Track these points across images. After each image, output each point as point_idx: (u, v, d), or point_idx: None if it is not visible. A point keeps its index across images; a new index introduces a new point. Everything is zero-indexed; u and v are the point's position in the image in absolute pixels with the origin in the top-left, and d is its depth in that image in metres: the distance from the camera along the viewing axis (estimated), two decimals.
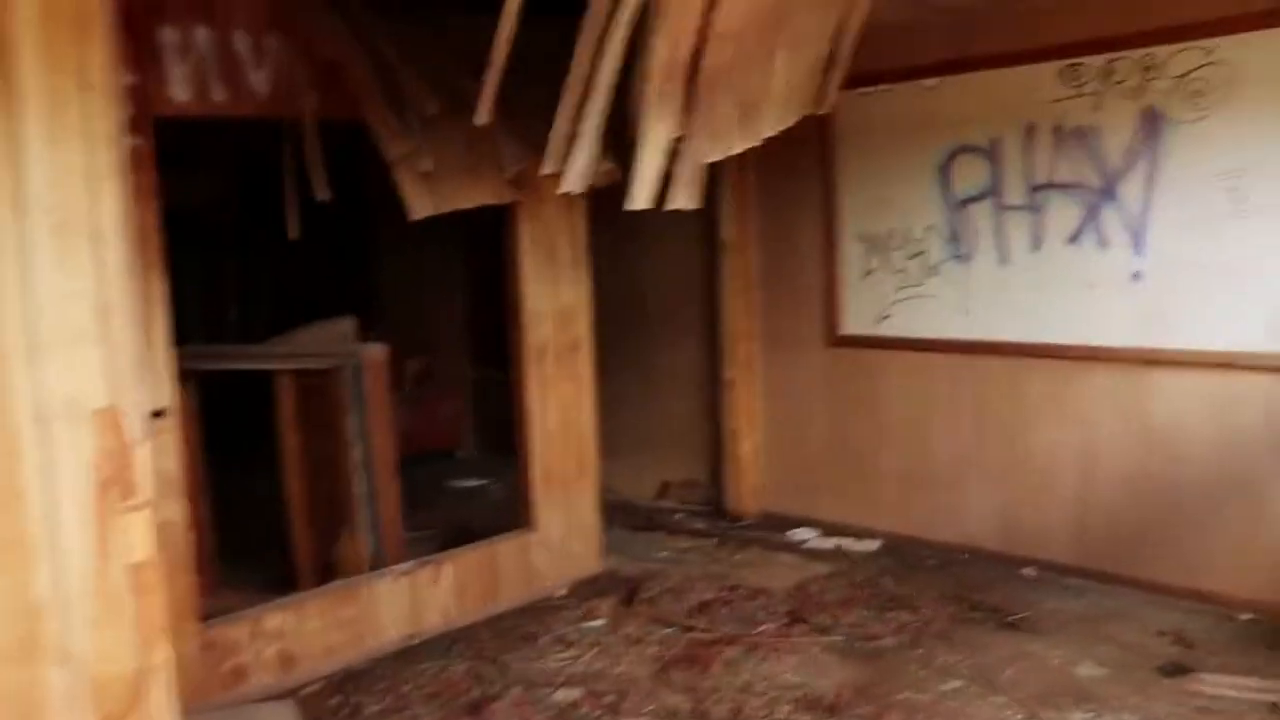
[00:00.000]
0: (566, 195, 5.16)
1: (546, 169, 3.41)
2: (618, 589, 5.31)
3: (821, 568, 5.51)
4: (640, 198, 3.44)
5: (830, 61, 4.08)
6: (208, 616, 4.61)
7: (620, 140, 3.60)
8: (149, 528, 2.08)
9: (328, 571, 5.24)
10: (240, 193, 9.33)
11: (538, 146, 4.77)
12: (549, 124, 4.85)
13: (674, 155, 3.48)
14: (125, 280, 2.01)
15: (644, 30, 3.26)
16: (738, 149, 3.81)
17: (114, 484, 2.00)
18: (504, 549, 5.15)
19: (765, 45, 3.58)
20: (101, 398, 1.97)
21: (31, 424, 1.95)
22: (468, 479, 7.85)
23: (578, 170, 3.45)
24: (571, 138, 3.38)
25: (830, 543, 5.92)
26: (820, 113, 4.51)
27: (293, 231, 4.18)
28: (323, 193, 4.25)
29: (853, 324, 6.00)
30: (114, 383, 1.98)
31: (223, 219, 9.82)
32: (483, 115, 3.38)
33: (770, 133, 4.05)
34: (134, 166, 3.83)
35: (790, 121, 4.24)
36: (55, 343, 1.95)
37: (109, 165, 2.06)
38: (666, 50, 3.20)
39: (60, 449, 1.97)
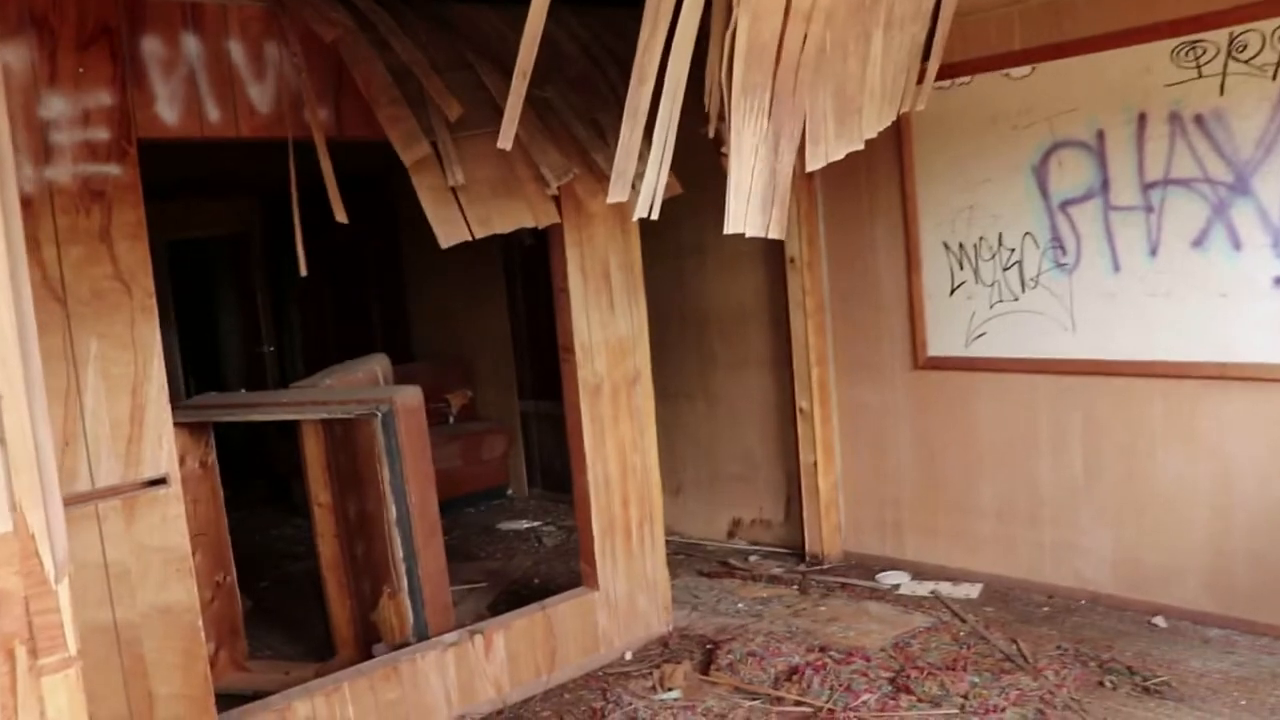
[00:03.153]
0: (618, 212, 4.64)
1: (614, 197, 2.81)
2: (692, 651, 4.72)
3: (919, 620, 4.89)
4: (742, 219, 2.80)
5: (927, 47, 3.49)
6: (232, 697, 4.12)
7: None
8: (76, 692, 1.53)
9: (367, 639, 4.73)
10: (268, 220, 8.93)
11: (581, 156, 4.27)
12: (592, 128, 4.33)
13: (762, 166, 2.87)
14: (30, 358, 1.47)
15: (718, 9, 2.68)
16: (836, 155, 3.21)
17: (23, 638, 1.46)
18: (562, 611, 4.58)
19: (860, 25, 2.99)
20: (3, 520, 1.43)
21: None
22: (518, 521, 7.31)
23: (651, 190, 2.83)
24: (639, 151, 2.76)
25: (924, 588, 5.30)
26: (917, 108, 3.94)
27: (303, 268, 3.65)
28: (340, 215, 3.71)
29: (940, 344, 5.37)
30: (18, 498, 1.44)
31: (253, 249, 9.40)
32: (505, 140, 2.78)
33: (871, 134, 3.47)
34: (115, 199, 3.35)
35: (890, 119, 3.66)
36: None
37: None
38: (751, 30, 2.61)
39: None
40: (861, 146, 3.39)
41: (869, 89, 3.28)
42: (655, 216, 2.93)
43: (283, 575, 6.42)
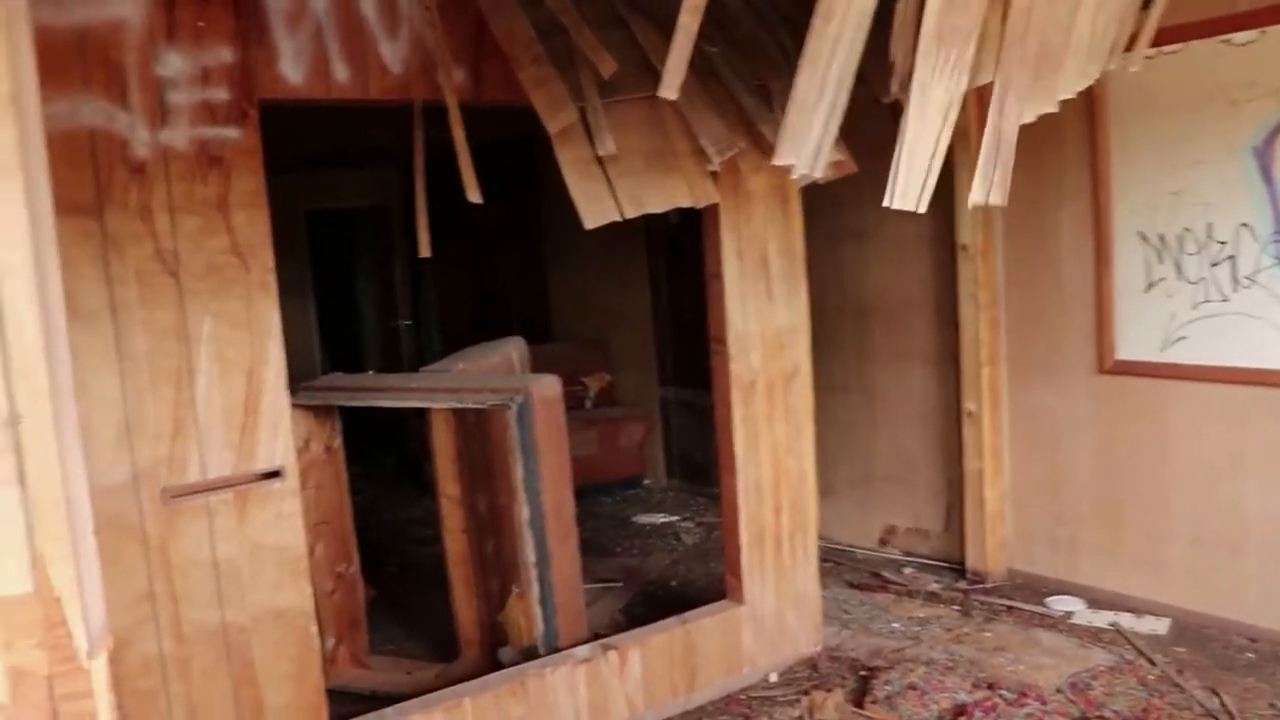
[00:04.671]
0: (779, 192, 4.21)
1: (782, 159, 2.40)
2: (844, 677, 4.29)
3: (1099, 656, 4.36)
4: (913, 194, 2.38)
5: None
6: (349, 696, 3.86)
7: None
8: None
9: (492, 641, 4.43)
10: (409, 191, 8.72)
11: (746, 127, 3.84)
12: (758, 95, 3.90)
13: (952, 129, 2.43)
14: (57, 368, 1.13)
15: None
16: (1027, 117, 2.74)
17: None
18: (703, 627, 4.19)
19: None
20: (15, 578, 1.09)
21: None
22: (655, 514, 6.95)
23: (816, 145, 2.42)
24: (811, 108, 2.34)
25: (1102, 618, 4.76)
26: (1130, 69, 3.42)
27: (424, 249, 3.33)
28: (473, 193, 3.37)
29: (1132, 347, 4.80)
30: (40, 548, 1.11)
31: (393, 221, 9.23)
32: (670, 88, 2.42)
33: (1069, 94, 2.99)
34: (234, 165, 3.07)
35: (1091, 79, 3.16)
36: None
37: (4, 165, 1.18)
38: None
39: None
40: (1055, 109, 2.92)
41: (1075, 39, 2.79)
42: (820, 176, 2.54)
43: (409, 560, 6.19)
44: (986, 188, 2.41)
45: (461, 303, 9.15)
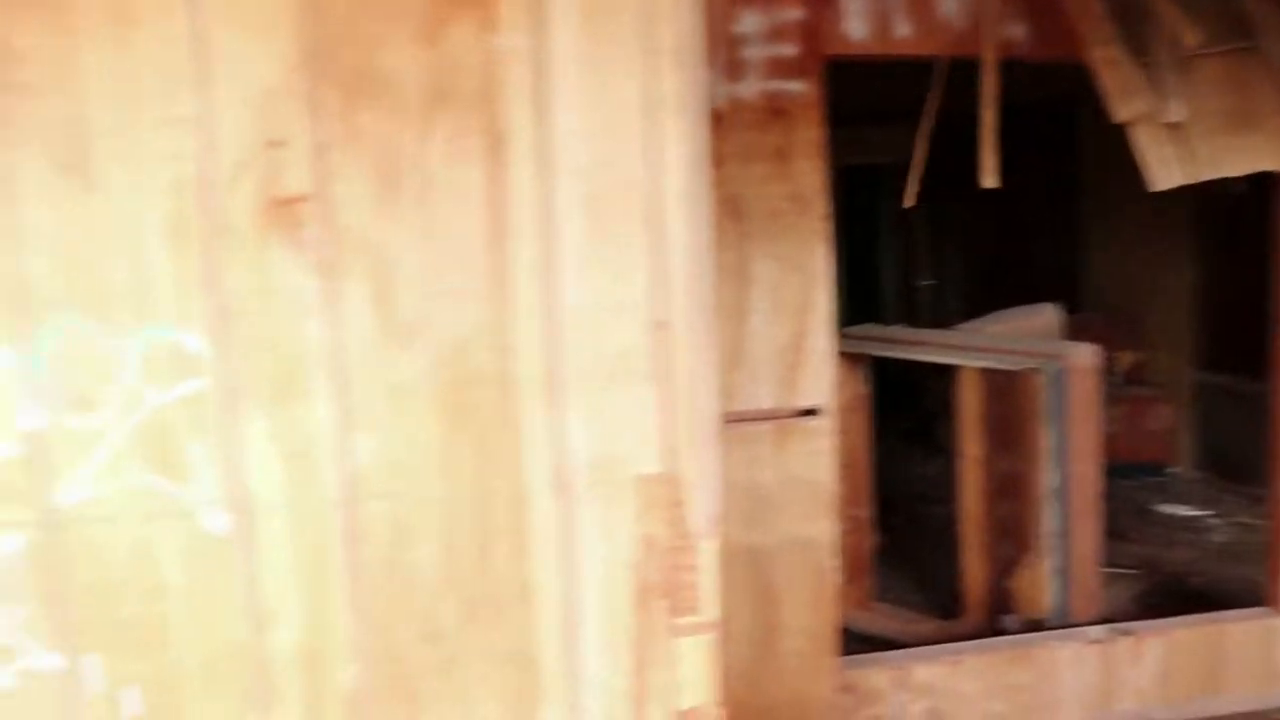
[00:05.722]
0: None
1: None
2: None
3: None
4: None
5: None
6: (850, 635, 4.01)
7: None
8: (709, 661, 1.37)
9: (997, 606, 4.39)
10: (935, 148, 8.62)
11: None
12: None
13: None
14: (696, 287, 1.30)
15: None
16: None
17: (662, 592, 1.32)
18: (1234, 630, 3.88)
19: None
20: (650, 460, 1.29)
21: (546, 493, 1.34)
22: (1180, 505, 6.47)
23: None
24: None
25: None
26: None
27: (910, 199, 3.33)
28: (991, 179, 3.29)
29: None
30: (672, 438, 1.28)
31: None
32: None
33: None
34: (797, 117, 3.24)
35: None
36: (585, 376, 1.31)
37: (678, 106, 1.35)
38: None
39: (585, 532, 1.33)
40: None
41: None
42: None
43: (916, 517, 6.23)
44: None
45: (981, 265, 8.97)
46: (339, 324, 1.33)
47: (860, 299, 10.07)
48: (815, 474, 3.37)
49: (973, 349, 4.07)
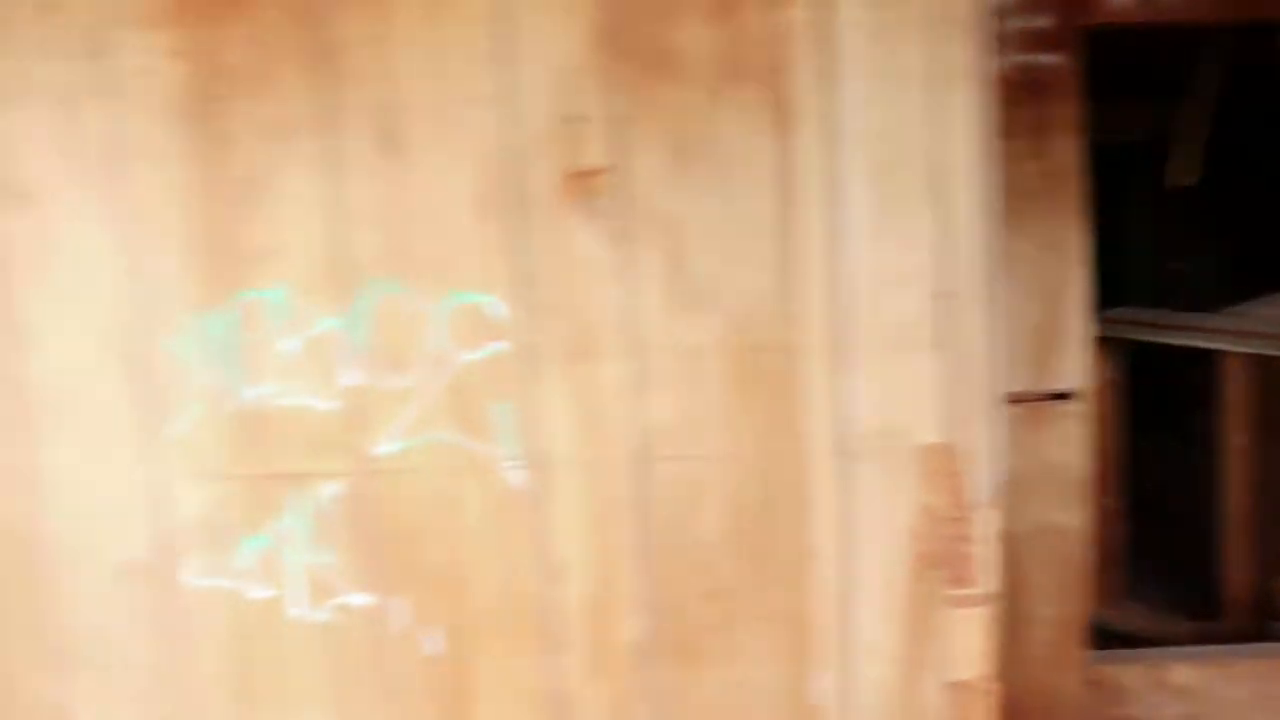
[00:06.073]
0: None
1: None
2: None
3: None
4: None
5: None
6: (1098, 630, 3.86)
7: None
8: (983, 634, 1.36)
9: (1262, 610, 4.14)
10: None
11: None
12: None
13: None
14: (982, 257, 1.29)
15: None
16: None
17: (938, 561, 1.32)
18: None
19: None
20: (932, 429, 1.29)
21: (828, 460, 1.36)
22: None
23: None
24: None
25: None
26: None
27: (1183, 177, 3.13)
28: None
29: None
30: (954, 409, 1.28)
31: (1170, 156, 8.69)
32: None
33: None
34: (1053, 91, 3.14)
35: None
36: (869, 344, 1.32)
37: (964, 75, 1.34)
38: None
39: (864, 499, 1.35)
40: None
41: None
42: None
43: (1169, 509, 5.93)
44: None
45: (1245, 247, 8.42)
46: (633, 290, 1.39)
47: (1109, 281, 9.63)
48: (1067, 459, 3.27)
49: (1242, 333, 3.84)
